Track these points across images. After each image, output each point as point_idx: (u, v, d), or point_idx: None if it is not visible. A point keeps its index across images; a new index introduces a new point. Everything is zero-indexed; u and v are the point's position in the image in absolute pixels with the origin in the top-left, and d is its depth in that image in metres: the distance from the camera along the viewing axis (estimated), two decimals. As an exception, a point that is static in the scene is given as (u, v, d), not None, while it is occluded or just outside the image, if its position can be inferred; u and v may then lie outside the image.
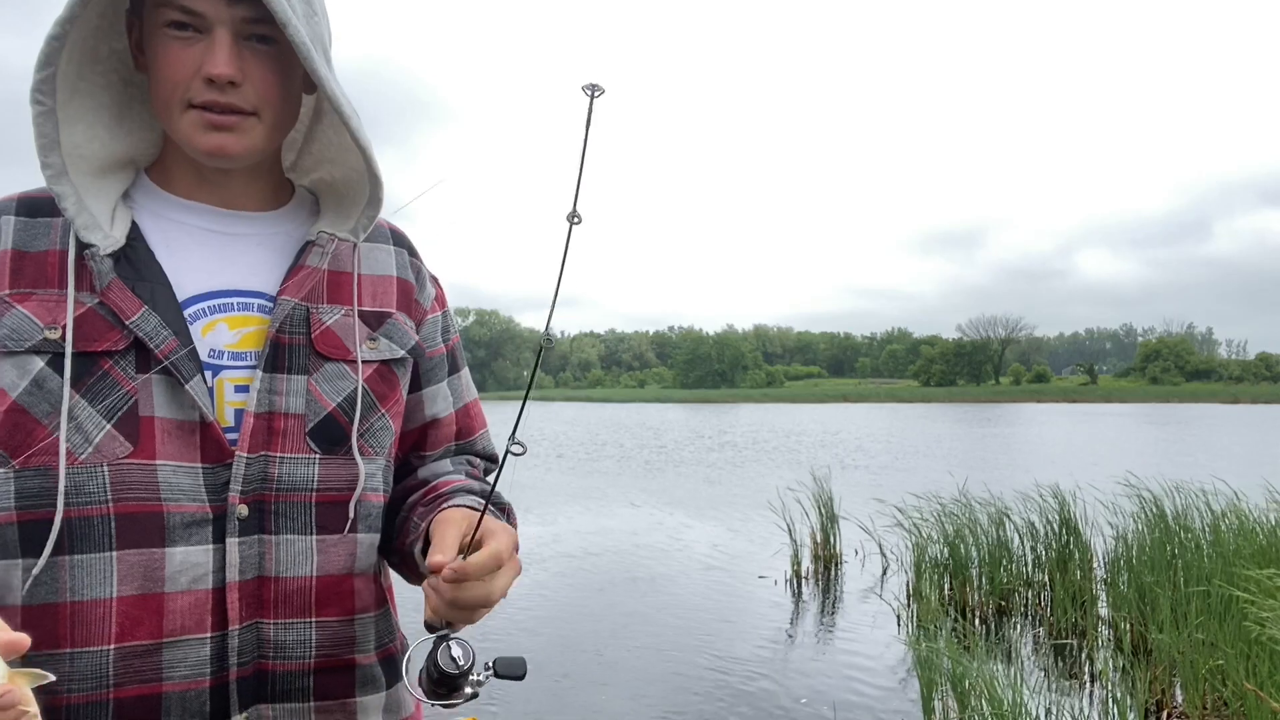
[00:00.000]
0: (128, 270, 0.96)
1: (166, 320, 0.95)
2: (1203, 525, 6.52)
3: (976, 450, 23.09)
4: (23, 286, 0.95)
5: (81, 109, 0.98)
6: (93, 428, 0.92)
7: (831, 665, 5.84)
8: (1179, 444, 24.98)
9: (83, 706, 0.91)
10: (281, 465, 0.98)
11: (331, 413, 1.02)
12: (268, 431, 0.98)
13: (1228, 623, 4.80)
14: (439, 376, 1.18)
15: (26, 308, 0.94)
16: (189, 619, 0.93)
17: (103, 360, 0.93)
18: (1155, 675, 4.98)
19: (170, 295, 0.97)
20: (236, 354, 0.99)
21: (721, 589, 7.94)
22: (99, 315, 0.94)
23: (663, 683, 5.38)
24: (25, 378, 0.92)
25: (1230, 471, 8.18)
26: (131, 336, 0.94)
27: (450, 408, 1.19)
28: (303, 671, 0.99)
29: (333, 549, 1.01)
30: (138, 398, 0.94)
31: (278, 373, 1.00)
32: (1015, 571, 7.26)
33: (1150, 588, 5.81)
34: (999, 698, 3.92)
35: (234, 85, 0.95)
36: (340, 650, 1.02)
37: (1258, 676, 4.19)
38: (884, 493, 10.22)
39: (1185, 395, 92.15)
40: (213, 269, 1.01)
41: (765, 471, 17.61)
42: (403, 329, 1.11)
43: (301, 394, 1.01)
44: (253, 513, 0.96)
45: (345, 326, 1.05)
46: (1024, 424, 40.06)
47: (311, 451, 1.00)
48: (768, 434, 31.36)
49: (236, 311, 1.01)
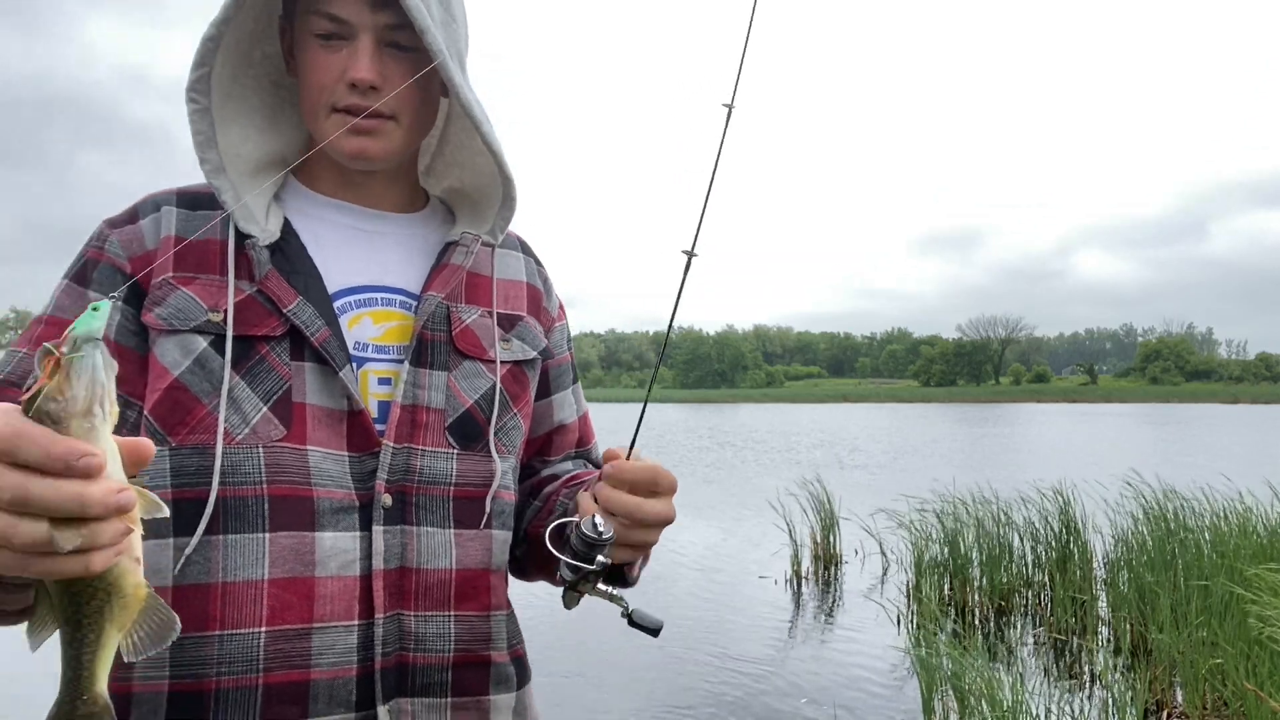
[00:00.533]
0: (282, 262, 0.99)
1: (320, 311, 0.98)
2: (1202, 525, 6.53)
3: (976, 450, 23.09)
4: (187, 270, 0.98)
5: (235, 111, 1.03)
6: (250, 409, 0.94)
7: (832, 665, 5.84)
8: (1179, 444, 24.99)
9: (232, 691, 0.90)
10: (423, 458, 1.00)
11: (469, 409, 1.05)
12: (411, 424, 1.00)
13: (1228, 622, 4.80)
14: (565, 384, 1.22)
15: (191, 290, 0.96)
16: (338, 605, 0.93)
17: (260, 345, 0.96)
18: (1155, 675, 4.98)
19: (321, 287, 1.00)
20: (380, 347, 1.02)
21: (721, 589, 7.94)
22: (257, 302, 0.97)
23: (662, 682, 5.38)
24: (188, 356, 0.94)
25: (1230, 471, 8.19)
26: (288, 324, 0.96)
27: (574, 415, 1.23)
28: (441, 666, 0.99)
29: (469, 543, 1.02)
30: (291, 383, 0.96)
31: (421, 367, 1.02)
32: (1015, 571, 7.25)
33: (1150, 587, 5.81)
34: (999, 698, 3.92)
35: (375, 89, 0.98)
36: (477, 646, 1.02)
37: (1258, 676, 4.19)
38: (884, 493, 10.23)
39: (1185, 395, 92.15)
40: (358, 265, 1.05)
41: (765, 471, 17.61)
42: (534, 332, 1.15)
43: (442, 389, 1.03)
44: (395, 503, 0.98)
45: (483, 326, 1.09)
46: (1024, 424, 40.05)
47: (450, 446, 1.02)
48: (768, 434, 31.35)
49: (380, 306, 1.04)
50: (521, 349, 1.12)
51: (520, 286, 1.17)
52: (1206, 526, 6.48)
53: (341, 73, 0.98)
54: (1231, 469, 8.56)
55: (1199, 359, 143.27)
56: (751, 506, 12.15)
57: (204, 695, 0.90)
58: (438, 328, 1.04)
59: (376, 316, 1.03)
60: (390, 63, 0.99)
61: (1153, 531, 6.60)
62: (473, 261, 1.09)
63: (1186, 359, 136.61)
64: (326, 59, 0.98)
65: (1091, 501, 7.58)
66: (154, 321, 0.95)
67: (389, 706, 0.95)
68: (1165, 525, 6.57)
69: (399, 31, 0.98)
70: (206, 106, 0.99)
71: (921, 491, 8.72)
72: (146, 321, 0.95)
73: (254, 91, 1.05)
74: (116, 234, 1.00)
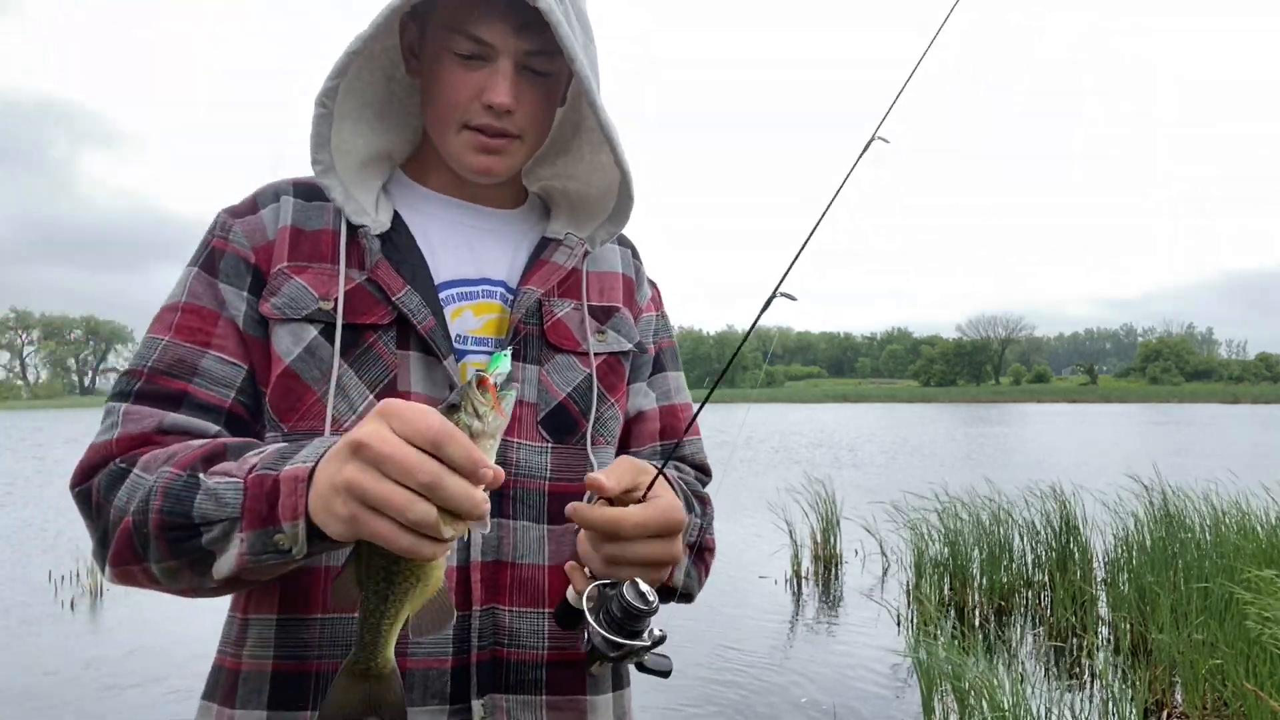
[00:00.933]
0: (392, 251, 1.01)
1: (426, 300, 0.99)
2: (1203, 525, 6.52)
3: (976, 450, 23.08)
4: (300, 260, 1.00)
5: (351, 105, 1.04)
6: (358, 397, 0.96)
7: (831, 665, 5.84)
8: (1179, 444, 24.98)
9: (331, 675, 0.90)
10: (519, 451, 1.01)
11: (562, 402, 1.05)
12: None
13: (1228, 623, 4.80)
14: (644, 374, 1.20)
15: (303, 279, 0.99)
16: None
17: (368, 334, 0.98)
18: (1155, 675, 4.98)
19: (428, 278, 1.02)
20: (479, 339, 1.03)
21: (721, 589, 7.94)
22: (366, 291, 0.99)
23: (662, 682, 5.38)
24: (299, 344, 0.96)
25: (1231, 471, 8.19)
26: (395, 313, 0.98)
27: (653, 403, 1.19)
28: (536, 663, 0.98)
29: (563, 539, 1.02)
30: (397, 372, 0.98)
31: (515, 361, 1.03)
32: (1015, 571, 7.25)
33: (1150, 587, 5.81)
34: (999, 698, 3.92)
35: (509, 112, 1.00)
36: (572, 644, 1.01)
37: (1258, 677, 4.19)
38: (884, 493, 10.22)
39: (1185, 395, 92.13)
40: (461, 258, 1.07)
41: (765, 471, 17.60)
42: (629, 323, 1.15)
43: (533, 383, 1.03)
44: (492, 495, 0.96)
45: (575, 319, 1.09)
46: (1024, 424, 40.04)
47: (544, 440, 1.03)
48: (767, 434, 31.35)
49: (480, 299, 1.05)
50: (617, 340, 1.12)
51: (615, 278, 1.17)
52: (1207, 526, 6.48)
53: (478, 92, 0.99)
54: (1232, 469, 8.55)
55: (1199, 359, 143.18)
56: (751, 506, 12.15)
57: (305, 677, 0.92)
58: (530, 321, 1.05)
59: (477, 309, 1.04)
60: (525, 85, 1.01)
61: (1153, 532, 6.60)
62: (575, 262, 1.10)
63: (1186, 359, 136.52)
64: (464, 77, 1.00)
65: (1091, 501, 7.58)
66: (270, 311, 0.97)
67: (484, 701, 0.94)
68: (1165, 525, 6.56)
69: (536, 57, 1.00)
70: (331, 111, 1.01)
71: (921, 491, 8.72)
72: (263, 312, 0.98)
73: (369, 85, 1.07)
74: (239, 224, 1.02)
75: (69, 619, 7.10)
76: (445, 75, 1.01)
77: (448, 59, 1.00)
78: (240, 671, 0.94)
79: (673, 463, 1.19)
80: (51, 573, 8.43)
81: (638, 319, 1.18)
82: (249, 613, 0.96)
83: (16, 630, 6.76)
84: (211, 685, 0.98)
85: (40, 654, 6.14)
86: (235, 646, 0.96)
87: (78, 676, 5.67)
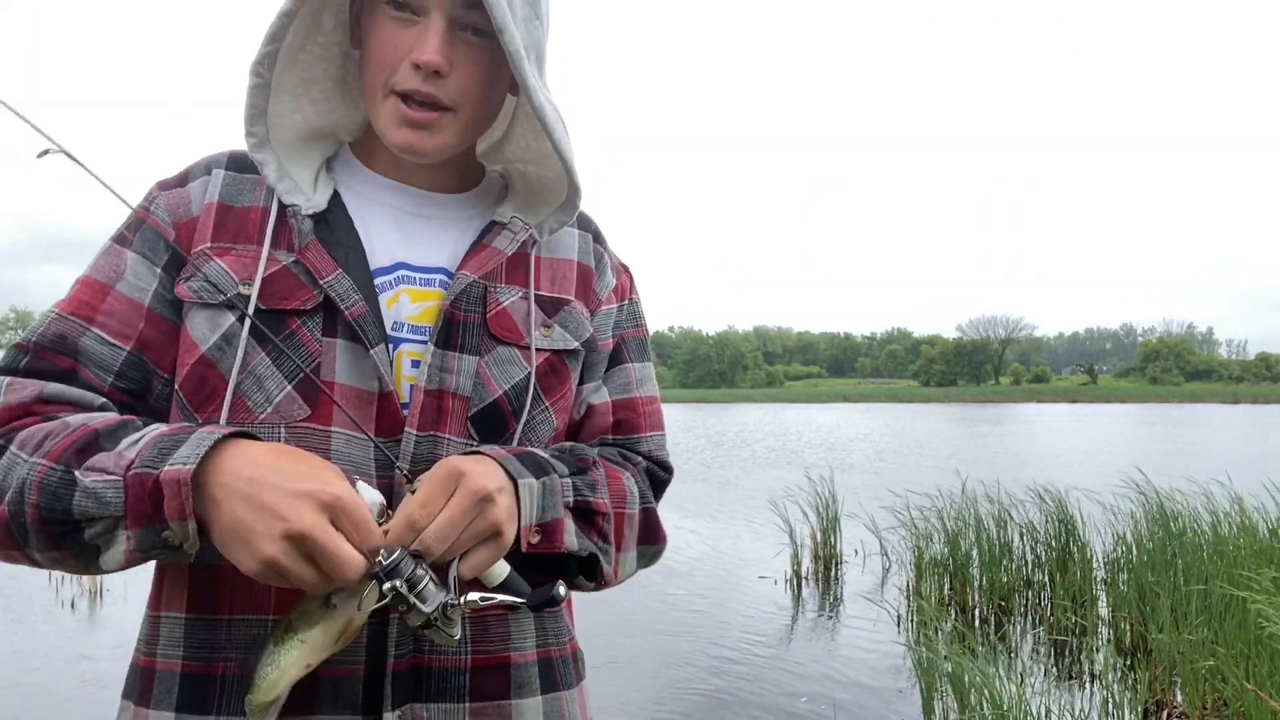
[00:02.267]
0: (326, 233, 0.96)
1: (358, 284, 0.94)
2: (1203, 525, 6.52)
3: (976, 450, 23.07)
4: (224, 241, 0.95)
5: (294, 80, 0.98)
6: (274, 387, 0.91)
7: (832, 665, 5.84)
8: (1179, 444, 24.98)
9: (238, 678, 0.88)
10: (451, 448, 0.94)
11: (497, 400, 0.97)
12: (437, 410, 0.94)
13: (1228, 623, 4.80)
14: (598, 373, 1.11)
15: (225, 261, 0.93)
16: None
17: (290, 319, 0.92)
18: (1155, 675, 4.97)
19: (364, 262, 0.96)
20: (415, 327, 0.97)
21: (721, 589, 7.93)
22: (292, 274, 0.93)
23: (662, 682, 5.38)
24: (216, 332, 0.91)
25: (1231, 471, 8.18)
26: (322, 296, 0.92)
27: (605, 397, 1.10)
28: (459, 669, 0.93)
29: None
30: (320, 360, 0.92)
31: (449, 350, 0.96)
32: (1015, 571, 7.25)
33: (1150, 588, 5.81)
34: (999, 698, 3.92)
35: (439, 75, 0.92)
36: (495, 647, 0.96)
37: (1258, 677, 4.19)
38: (884, 492, 10.22)
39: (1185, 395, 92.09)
40: (400, 243, 1.00)
41: (765, 471, 17.60)
42: (579, 319, 1.06)
43: (470, 375, 0.96)
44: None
45: (520, 310, 1.01)
46: (1024, 424, 40.05)
47: (470, 438, 0.96)
48: (767, 434, 31.35)
49: (419, 285, 0.99)
50: (563, 337, 1.03)
51: (570, 266, 1.08)
52: (1207, 526, 6.48)
53: (407, 51, 0.92)
54: (1232, 469, 8.55)
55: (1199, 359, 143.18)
56: (751, 506, 12.15)
57: (211, 679, 0.89)
58: (471, 309, 0.97)
59: (414, 295, 0.98)
60: (461, 48, 0.93)
61: (1153, 532, 6.60)
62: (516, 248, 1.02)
63: (1186, 359, 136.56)
64: (393, 33, 0.92)
65: (1091, 501, 7.58)
66: (185, 294, 0.93)
67: (398, 713, 0.89)
68: (1165, 525, 6.56)
69: (476, 13, 0.92)
70: (268, 81, 0.95)
71: (921, 491, 8.72)
72: (179, 293, 0.93)
73: (319, 60, 1.01)
74: (164, 197, 0.97)
75: (69, 618, 7.10)
76: (376, 32, 0.94)
77: (381, 16, 0.93)
78: (155, 671, 0.91)
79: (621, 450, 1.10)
80: (51, 573, 8.43)
81: (595, 312, 1.09)
82: (161, 610, 0.93)
83: (16, 630, 6.76)
84: (129, 684, 0.94)
85: (40, 654, 6.14)
86: (149, 645, 0.93)
87: (77, 676, 5.67)
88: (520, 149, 1.10)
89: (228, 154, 1.01)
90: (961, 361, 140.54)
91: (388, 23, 0.93)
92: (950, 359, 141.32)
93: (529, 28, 0.94)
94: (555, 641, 1.03)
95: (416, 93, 0.92)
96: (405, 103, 0.93)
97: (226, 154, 1.01)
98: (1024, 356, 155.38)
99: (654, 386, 1.17)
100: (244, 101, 0.95)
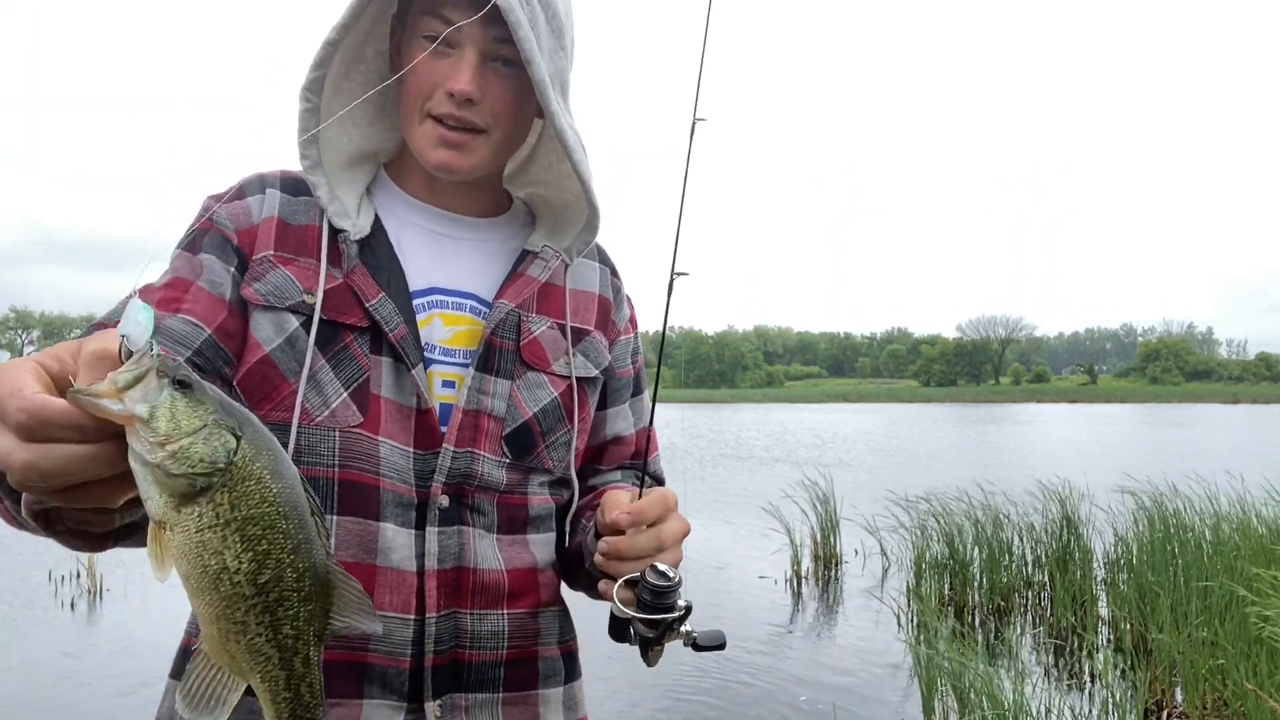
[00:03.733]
0: (369, 257, 1.02)
1: (399, 308, 1.00)
2: (1203, 525, 6.52)
3: (976, 450, 23.08)
4: (286, 251, 1.01)
5: (340, 106, 1.05)
6: (331, 393, 0.97)
7: (832, 665, 5.84)
8: (1179, 444, 24.98)
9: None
10: (484, 464, 1.03)
11: (527, 421, 1.06)
12: (474, 429, 1.02)
13: (1228, 622, 4.80)
14: (624, 397, 1.21)
15: (289, 270, 1.00)
16: (396, 597, 0.96)
17: (346, 333, 0.99)
18: (1155, 675, 4.97)
19: (404, 286, 1.03)
20: (447, 350, 1.04)
21: (721, 589, 7.93)
22: (346, 292, 1.00)
23: (662, 682, 5.38)
24: (281, 334, 0.97)
25: (1231, 471, 8.18)
26: (370, 318, 0.99)
27: (631, 428, 1.22)
28: (495, 662, 1.02)
29: (511, 548, 1.05)
30: (370, 375, 0.99)
31: (486, 373, 1.04)
32: (1015, 571, 7.25)
33: (1150, 587, 5.81)
34: (999, 698, 3.92)
35: (471, 102, 1.00)
36: (526, 642, 1.05)
37: (1258, 676, 4.19)
38: (884, 492, 10.21)
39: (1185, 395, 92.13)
40: (434, 267, 1.07)
41: (765, 471, 17.60)
42: (599, 348, 1.15)
43: (504, 398, 1.05)
44: (453, 505, 1.00)
45: (550, 339, 1.10)
46: (1024, 424, 40.05)
47: (503, 455, 1.05)
48: (767, 434, 31.35)
49: (451, 310, 1.06)
50: (585, 365, 1.12)
51: (592, 299, 1.17)
52: (1207, 526, 6.48)
53: (442, 80, 0.99)
54: (1232, 468, 8.55)
55: (1199, 359, 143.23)
56: (751, 506, 12.15)
57: None
58: (506, 336, 1.06)
59: (447, 319, 1.05)
60: (492, 78, 1.00)
61: (1153, 531, 6.60)
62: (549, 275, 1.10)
63: (1186, 359, 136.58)
64: (430, 64, 0.99)
65: (1091, 501, 7.58)
66: (253, 296, 0.99)
67: (440, 702, 0.97)
68: (1165, 525, 6.56)
69: (506, 46, 0.99)
70: (317, 105, 1.02)
71: (921, 491, 8.71)
72: (245, 295, 0.98)
73: (362, 87, 1.07)
74: (225, 208, 1.03)
75: (68, 618, 7.10)
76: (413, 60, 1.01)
77: (417, 46, 1.00)
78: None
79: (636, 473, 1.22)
80: (51, 572, 8.43)
81: (614, 342, 1.19)
82: None
83: (16, 630, 6.75)
84: (179, 665, 0.99)
85: (39, 653, 6.13)
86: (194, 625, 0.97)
87: (76, 676, 5.67)
88: (543, 169, 1.17)
89: (279, 175, 1.07)
90: (961, 361, 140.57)
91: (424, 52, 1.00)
92: (950, 359, 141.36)
93: (554, 58, 1.02)
94: (571, 637, 1.13)
95: (451, 116, 1.00)
96: (441, 124, 1.01)
97: (278, 175, 1.07)
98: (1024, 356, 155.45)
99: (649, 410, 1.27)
100: (297, 125, 1.02)
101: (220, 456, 0.57)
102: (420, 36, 1.00)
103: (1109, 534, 7.08)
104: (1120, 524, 7.01)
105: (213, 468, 0.56)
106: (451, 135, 1.00)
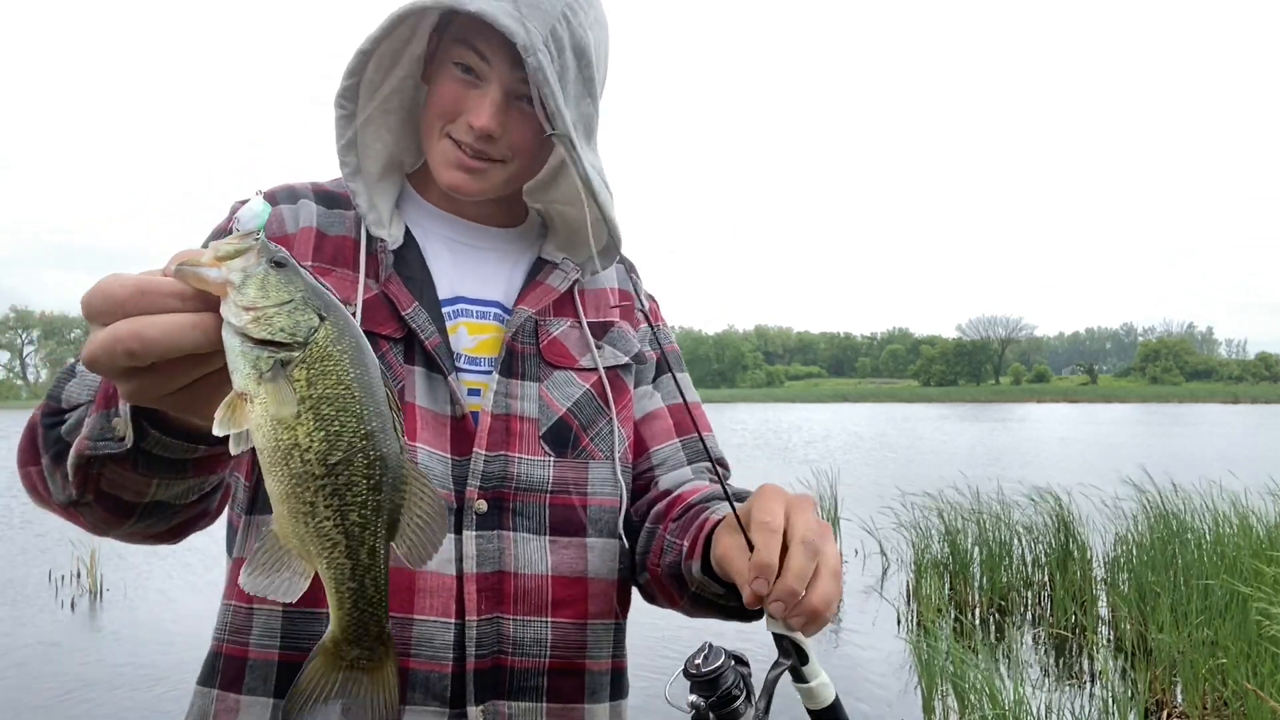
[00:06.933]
0: (402, 266, 1.04)
1: (432, 318, 1.02)
2: (1203, 524, 6.52)
3: (976, 450, 23.07)
4: (324, 262, 1.03)
5: (377, 111, 1.07)
6: None
7: (832, 665, 5.84)
8: (1179, 443, 24.98)
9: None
10: (520, 465, 1.03)
11: (562, 416, 1.07)
12: (505, 432, 1.03)
13: (1228, 622, 4.80)
14: (646, 378, 1.21)
15: (329, 281, 0.99)
16: (435, 602, 0.96)
17: (383, 343, 1.00)
18: (1155, 675, 4.98)
19: (434, 296, 1.05)
20: (472, 359, 1.05)
21: (721, 589, 7.93)
22: (381, 303, 1.01)
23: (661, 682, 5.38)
24: None
25: (1231, 471, 8.19)
26: (405, 328, 1.01)
27: (660, 402, 1.21)
28: (538, 670, 1.01)
29: (564, 550, 1.04)
30: (405, 384, 1.00)
31: (511, 378, 1.05)
32: (1015, 571, 7.25)
33: (1150, 587, 5.81)
34: (999, 697, 3.92)
35: (491, 138, 1.01)
36: (573, 653, 1.03)
37: (1258, 676, 4.19)
38: (884, 492, 10.22)
39: (1185, 395, 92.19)
40: (459, 276, 1.09)
41: (765, 471, 17.60)
42: (627, 336, 1.17)
43: (534, 399, 1.06)
44: (492, 509, 1.00)
45: (571, 337, 1.11)
46: (1024, 424, 40.05)
47: (545, 454, 1.05)
48: (767, 434, 31.35)
49: (475, 319, 1.07)
50: (614, 354, 1.14)
51: (612, 293, 1.19)
52: (1207, 526, 6.48)
53: (467, 109, 1.00)
54: (1232, 468, 8.55)
55: (1199, 359, 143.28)
56: (751, 506, 12.12)
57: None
58: (526, 341, 1.07)
59: (472, 328, 1.06)
60: (515, 114, 1.02)
61: (1153, 531, 6.60)
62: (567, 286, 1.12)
63: (1186, 359, 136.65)
64: (457, 90, 1.01)
65: (1091, 501, 7.58)
66: None
67: (482, 708, 0.97)
68: (1165, 525, 6.56)
69: (530, 86, 1.00)
70: (352, 112, 1.03)
71: (921, 491, 8.72)
72: None
73: (396, 93, 1.08)
74: None
75: (68, 618, 7.10)
76: (442, 82, 1.02)
77: (448, 68, 1.02)
78: (247, 659, 0.96)
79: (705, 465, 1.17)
80: (51, 572, 8.43)
81: (636, 329, 1.20)
82: (254, 602, 0.97)
83: (16, 630, 6.76)
84: (209, 671, 0.99)
85: (39, 653, 6.14)
86: (239, 635, 0.97)
87: (76, 676, 5.67)
88: (565, 191, 1.16)
89: (311, 187, 1.09)
90: (961, 361, 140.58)
91: (454, 76, 1.02)
92: (950, 359, 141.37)
93: (580, 105, 1.03)
94: (621, 654, 1.12)
95: (469, 146, 1.02)
96: (459, 147, 1.02)
97: (310, 187, 1.09)
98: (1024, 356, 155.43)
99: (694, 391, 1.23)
100: (334, 132, 1.03)
101: (301, 331, 0.60)
102: (451, 63, 1.01)
103: (1109, 534, 7.09)
104: (1120, 524, 7.01)
105: (292, 339, 0.59)
106: (468, 161, 1.02)
